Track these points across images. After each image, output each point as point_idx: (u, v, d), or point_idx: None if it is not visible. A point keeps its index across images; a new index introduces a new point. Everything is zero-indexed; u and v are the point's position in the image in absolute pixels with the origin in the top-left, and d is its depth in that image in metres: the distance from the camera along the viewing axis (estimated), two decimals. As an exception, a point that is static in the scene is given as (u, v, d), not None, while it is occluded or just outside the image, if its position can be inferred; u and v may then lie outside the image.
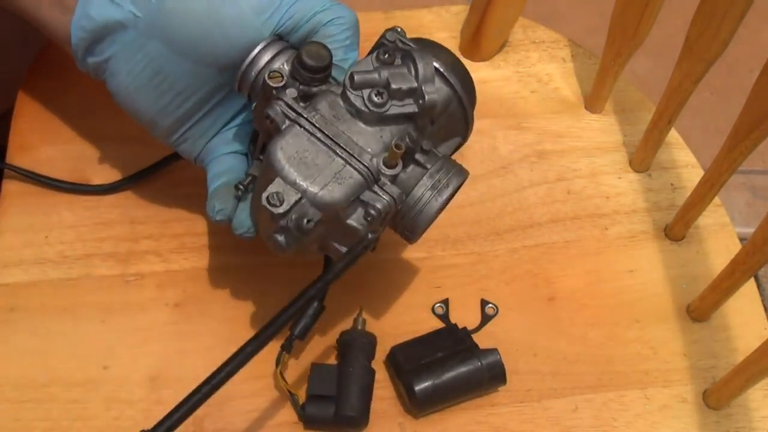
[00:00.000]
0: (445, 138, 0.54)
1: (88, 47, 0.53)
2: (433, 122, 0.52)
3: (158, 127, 0.55)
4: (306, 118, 0.49)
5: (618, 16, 0.65)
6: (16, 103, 0.69)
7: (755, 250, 0.56)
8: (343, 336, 0.59)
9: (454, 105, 0.53)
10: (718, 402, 0.60)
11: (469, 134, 0.56)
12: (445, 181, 0.51)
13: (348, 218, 0.49)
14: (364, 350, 0.58)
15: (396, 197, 0.49)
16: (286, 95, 0.50)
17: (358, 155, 0.48)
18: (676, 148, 0.72)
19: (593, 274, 0.65)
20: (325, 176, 0.48)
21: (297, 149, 0.48)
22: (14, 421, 0.57)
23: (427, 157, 0.51)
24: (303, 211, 0.48)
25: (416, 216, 0.51)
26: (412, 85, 0.50)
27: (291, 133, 0.49)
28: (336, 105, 0.50)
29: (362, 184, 0.48)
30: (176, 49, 0.51)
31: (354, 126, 0.50)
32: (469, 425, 0.58)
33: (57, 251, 0.63)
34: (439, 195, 0.50)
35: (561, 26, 0.79)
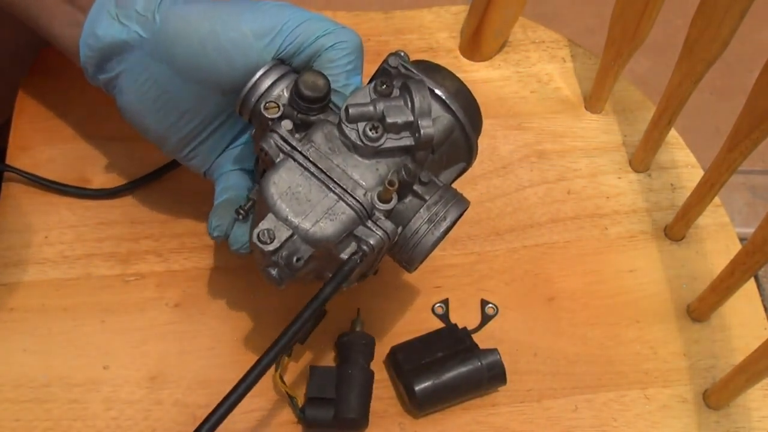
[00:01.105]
0: (447, 165, 0.54)
1: (97, 64, 0.54)
2: (434, 152, 0.51)
3: (166, 144, 0.56)
4: (300, 151, 0.48)
5: (618, 16, 0.65)
6: (16, 103, 0.69)
7: (755, 250, 0.56)
8: (342, 338, 0.59)
9: (456, 133, 0.52)
10: (718, 402, 0.60)
11: (474, 159, 0.55)
12: (443, 213, 0.50)
13: (341, 253, 0.49)
14: (363, 352, 0.58)
15: (389, 232, 0.48)
16: (281, 127, 0.49)
17: (352, 190, 0.48)
18: (676, 148, 0.72)
19: (593, 274, 0.65)
20: (317, 212, 0.48)
21: (290, 184, 0.48)
22: (14, 421, 0.57)
23: (426, 188, 0.50)
24: (294, 247, 0.48)
25: (413, 249, 0.50)
26: (408, 118, 0.49)
27: (284, 168, 0.48)
28: (333, 136, 0.49)
29: (355, 219, 0.48)
30: (179, 71, 0.52)
31: (350, 159, 0.49)
32: (469, 425, 0.58)
33: (57, 251, 0.63)
34: (435, 228, 0.50)
35: (561, 26, 0.79)
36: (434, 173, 0.52)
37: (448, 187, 0.52)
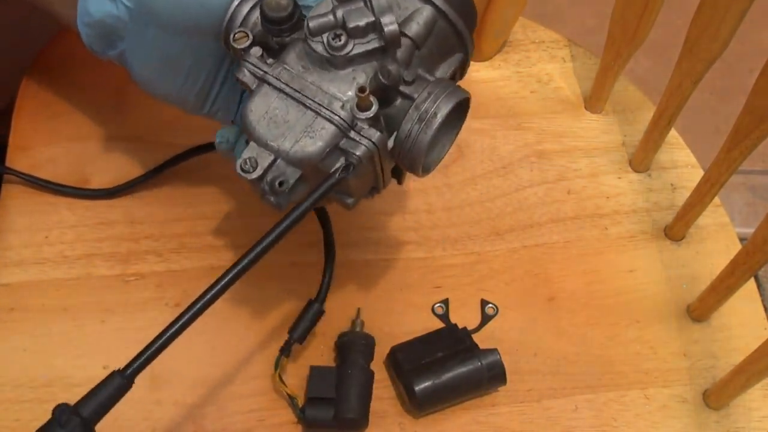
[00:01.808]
0: (441, 58, 0.51)
1: (99, 42, 0.54)
2: (419, 47, 0.49)
3: (187, 104, 0.56)
4: (271, 75, 0.48)
5: (618, 16, 0.65)
6: (16, 103, 0.69)
7: (755, 250, 0.56)
8: (342, 338, 0.59)
9: (440, 23, 0.49)
10: (718, 402, 0.60)
11: (471, 46, 0.52)
12: (433, 109, 0.47)
13: (330, 169, 0.47)
14: (363, 352, 0.58)
15: (376, 141, 0.47)
16: (250, 55, 0.48)
17: (328, 105, 0.47)
18: (676, 148, 0.72)
19: (593, 274, 0.65)
20: (296, 132, 0.47)
21: (266, 109, 0.47)
22: (14, 421, 0.57)
23: (414, 86, 0.48)
24: (280, 171, 0.47)
25: (410, 151, 0.48)
26: (370, 19, 0.47)
27: (259, 94, 0.48)
28: (305, 54, 0.48)
29: (336, 133, 0.47)
30: (167, 29, 0.52)
31: (325, 73, 0.48)
32: (469, 425, 0.58)
33: (57, 251, 0.63)
34: (427, 127, 0.47)
35: (561, 26, 0.79)
36: (428, 69, 0.50)
37: (439, 81, 0.48)
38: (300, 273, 0.63)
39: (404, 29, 0.48)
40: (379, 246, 0.65)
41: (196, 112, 0.56)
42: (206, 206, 0.65)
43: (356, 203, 0.52)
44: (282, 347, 0.57)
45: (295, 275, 0.63)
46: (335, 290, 0.61)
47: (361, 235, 0.65)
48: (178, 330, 0.46)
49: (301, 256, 0.63)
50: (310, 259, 0.62)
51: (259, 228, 0.50)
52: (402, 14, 0.49)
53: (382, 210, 0.67)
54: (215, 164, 0.64)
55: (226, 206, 0.65)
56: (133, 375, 0.46)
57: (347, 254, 0.64)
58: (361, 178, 0.49)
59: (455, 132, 0.52)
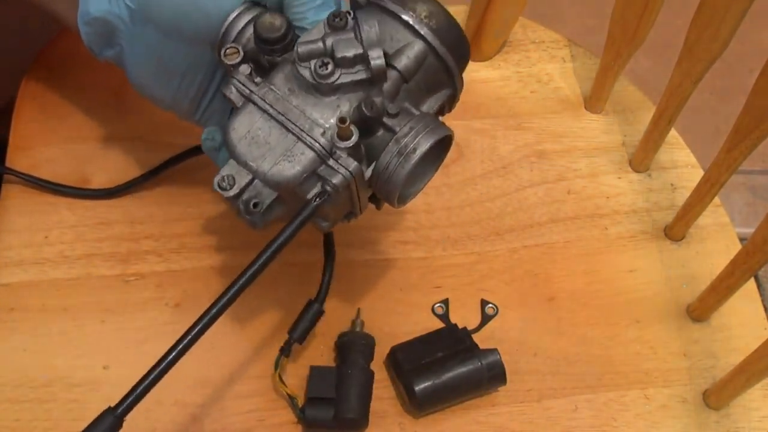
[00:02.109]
0: (429, 93, 0.51)
1: (98, 42, 0.54)
2: (407, 81, 0.49)
3: (180, 109, 0.56)
4: (257, 95, 0.48)
5: (618, 16, 0.65)
6: (16, 103, 0.69)
7: (755, 250, 0.56)
8: (342, 338, 0.59)
9: (430, 58, 0.49)
10: (718, 402, 0.60)
11: (460, 84, 0.52)
12: (413, 145, 0.47)
13: (307, 194, 0.47)
14: (363, 352, 0.58)
15: (352, 170, 0.47)
16: (239, 72, 0.48)
17: (309, 130, 0.47)
18: (676, 148, 0.72)
19: (593, 274, 0.65)
20: (276, 154, 0.47)
21: (249, 128, 0.47)
22: (14, 421, 0.57)
23: (397, 119, 0.48)
24: (256, 191, 0.47)
25: (386, 183, 0.48)
26: (358, 51, 0.47)
27: (243, 112, 0.48)
28: (293, 76, 0.48)
29: (315, 159, 0.47)
30: (166, 33, 0.52)
31: (310, 98, 0.48)
32: (469, 425, 0.58)
33: (57, 251, 0.63)
34: (405, 161, 0.47)
35: (561, 26, 0.79)
36: (414, 103, 0.50)
37: (422, 117, 0.49)
38: (300, 273, 0.63)
39: (393, 62, 0.49)
40: (379, 246, 0.65)
41: (189, 119, 0.56)
42: (206, 206, 0.65)
43: (331, 227, 0.52)
44: (282, 347, 0.57)
45: (295, 275, 0.63)
46: (335, 290, 0.61)
47: (361, 235, 0.65)
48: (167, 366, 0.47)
49: (301, 256, 0.63)
50: (310, 258, 0.62)
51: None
52: (393, 46, 0.49)
53: (381, 210, 0.66)
54: (215, 165, 0.64)
55: (225, 206, 0.65)
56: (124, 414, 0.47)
57: (347, 254, 0.64)
58: (337, 205, 0.49)
59: (435, 167, 0.52)
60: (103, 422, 0.46)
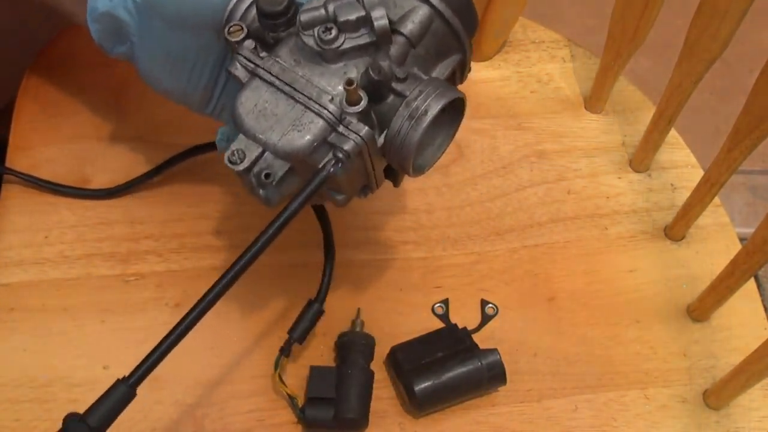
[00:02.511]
0: (438, 58, 0.51)
1: (109, 39, 0.55)
2: (414, 45, 0.49)
3: (192, 103, 0.56)
4: (263, 68, 0.48)
5: (618, 16, 0.65)
6: (16, 104, 0.69)
7: (755, 250, 0.56)
8: (342, 338, 0.59)
9: (437, 22, 0.49)
10: (718, 402, 0.60)
11: (469, 48, 0.52)
12: (423, 107, 0.46)
13: (319, 163, 0.47)
14: (363, 352, 0.58)
15: (363, 135, 0.46)
16: (243, 48, 0.48)
17: (317, 98, 0.47)
18: (676, 148, 0.72)
19: (593, 274, 0.65)
20: (284, 125, 0.47)
21: (256, 102, 0.47)
22: (14, 421, 0.57)
23: (406, 84, 0.47)
24: (268, 163, 0.47)
25: (399, 149, 0.48)
26: (360, 13, 0.47)
27: (250, 87, 0.48)
28: (298, 48, 0.48)
29: (324, 127, 0.46)
30: (172, 24, 0.52)
31: (316, 67, 0.48)
32: (469, 425, 0.58)
33: (57, 251, 0.63)
34: (417, 124, 0.46)
35: (561, 26, 0.79)
36: (423, 69, 0.49)
37: (432, 80, 0.48)
38: (300, 273, 0.63)
39: (399, 27, 0.48)
40: (379, 246, 0.65)
41: (201, 111, 0.56)
42: (206, 206, 0.66)
43: (347, 201, 0.51)
44: (282, 347, 0.57)
45: (295, 275, 0.63)
46: (335, 290, 0.61)
47: (361, 235, 0.65)
48: (180, 335, 0.46)
49: (301, 256, 0.63)
50: (310, 259, 0.62)
51: (258, 228, 0.50)
52: (398, 12, 0.49)
53: (382, 210, 0.67)
54: (215, 164, 0.64)
55: (226, 206, 0.65)
56: (137, 383, 0.46)
57: (347, 254, 0.64)
58: (350, 174, 0.48)
59: (451, 133, 0.52)
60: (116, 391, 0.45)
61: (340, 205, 0.52)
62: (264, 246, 0.47)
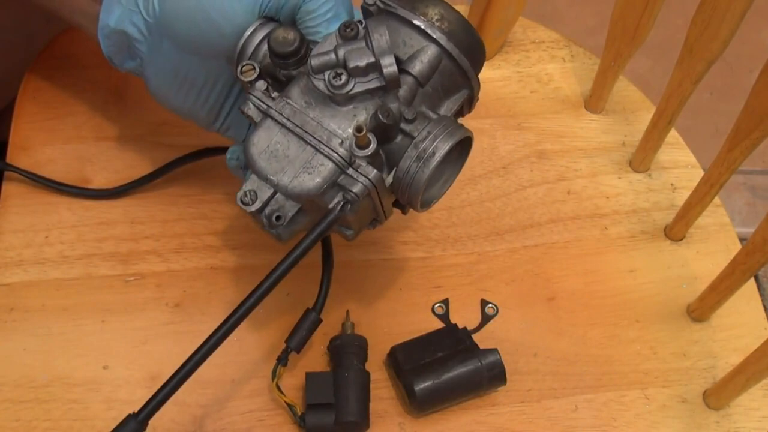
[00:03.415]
0: (446, 95, 0.52)
1: (119, 53, 0.55)
2: (422, 85, 0.50)
3: (199, 120, 0.56)
4: (275, 109, 0.48)
5: (618, 16, 0.65)
6: (16, 103, 0.69)
7: (755, 250, 0.56)
8: (334, 341, 0.59)
9: (445, 62, 0.50)
10: (718, 402, 0.60)
11: (477, 84, 0.53)
12: (431, 149, 0.47)
13: (329, 204, 0.48)
14: (357, 353, 0.58)
15: (372, 178, 0.47)
16: (255, 89, 0.49)
17: (327, 141, 0.47)
18: (676, 148, 0.72)
19: (593, 274, 0.65)
20: (296, 167, 0.47)
21: (268, 143, 0.48)
22: (14, 421, 0.57)
23: (414, 124, 0.48)
24: (279, 204, 0.48)
25: (407, 188, 0.49)
26: (370, 60, 0.48)
27: (262, 127, 0.48)
28: (309, 89, 0.49)
29: (334, 170, 0.47)
30: (182, 47, 0.53)
31: (327, 109, 0.48)
32: (469, 425, 0.58)
33: (57, 251, 0.63)
34: (425, 166, 0.48)
35: (561, 26, 0.79)
36: (431, 106, 0.50)
37: (440, 120, 0.49)
38: (300, 273, 0.62)
39: (408, 67, 0.49)
40: (379, 246, 0.65)
41: (208, 128, 0.57)
42: (206, 207, 0.66)
43: (357, 235, 0.52)
44: (279, 356, 0.57)
45: (296, 275, 0.62)
46: (335, 290, 0.61)
47: (361, 235, 0.65)
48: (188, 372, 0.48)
49: (301, 256, 0.63)
50: (310, 259, 0.62)
51: (258, 229, 0.50)
52: (407, 51, 0.49)
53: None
54: (215, 165, 0.64)
55: (226, 206, 0.65)
56: (147, 418, 0.47)
57: (347, 254, 0.64)
58: (359, 213, 0.49)
59: (457, 168, 0.53)
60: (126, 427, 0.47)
61: (350, 240, 0.52)
62: (272, 286, 0.48)
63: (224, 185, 0.66)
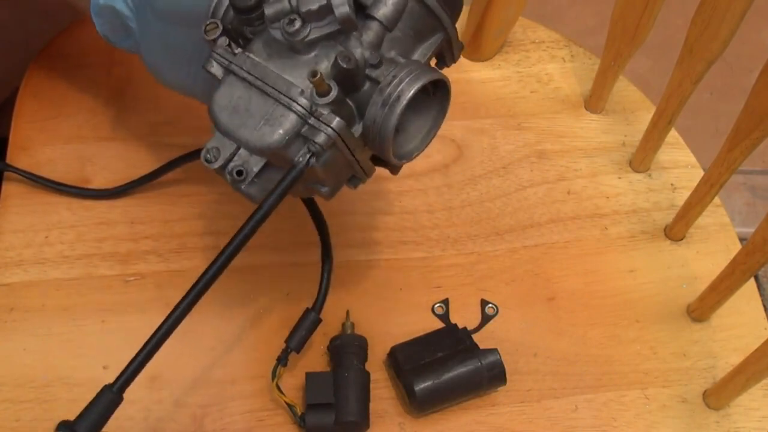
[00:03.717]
0: (418, 40, 0.50)
1: (112, 32, 0.55)
2: (390, 29, 0.48)
3: (196, 94, 0.56)
4: (235, 63, 0.47)
5: (618, 16, 0.65)
6: (16, 103, 0.69)
7: (755, 250, 0.56)
8: (334, 341, 0.59)
9: (412, 3, 0.48)
10: (718, 402, 0.60)
11: (451, 26, 0.50)
12: (396, 93, 0.45)
13: (294, 157, 0.46)
14: (357, 354, 0.58)
15: (335, 126, 0.46)
16: (217, 46, 0.48)
17: (286, 92, 0.46)
18: (676, 148, 0.72)
19: (593, 274, 0.65)
20: (256, 120, 0.46)
21: (230, 98, 0.47)
22: (14, 421, 0.57)
23: (380, 70, 0.46)
24: (243, 159, 0.47)
25: (377, 138, 0.46)
26: (322, 2, 0.46)
27: (225, 84, 0.48)
28: (270, 42, 0.48)
29: (295, 120, 0.46)
30: (166, 20, 0.53)
31: (288, 60, 0.47)
32: (469, 425, 0.58)
33: (57, 251, 0.63)
34: (390, 111, 0.45)
35: (561, 26, 0.79)
36: (403, 52, 0.49)
37: (408, 63, 0.47)
38: (300, 273, 0.63)
39: (372, 11, 0.47)
40: (379, 246, 0.65)
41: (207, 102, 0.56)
42: (206, 206, 0.66)
43: (333, 193, 0.50)
44: (279, 356, 0.57)
45: (296, 275, 0.63)
46: (335, 290, 0.61)
47: (361, 235, 0.65)
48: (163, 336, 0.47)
49: (301, 256, 0.63)
50: (310, 258, 0.62)
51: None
52: None
53: (381, 210, 0.67)
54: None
55: (226, 206, 0.65)
56: (122, 388, 0.47)
57: (347, 254, 0.64)
58: (329, 166, 0.47)
59: (439, 119, 0.50)
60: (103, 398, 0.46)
61: (328, 198, 0.51)
62: (242, 242, 0.47)
63: (224, 185, 0.66)
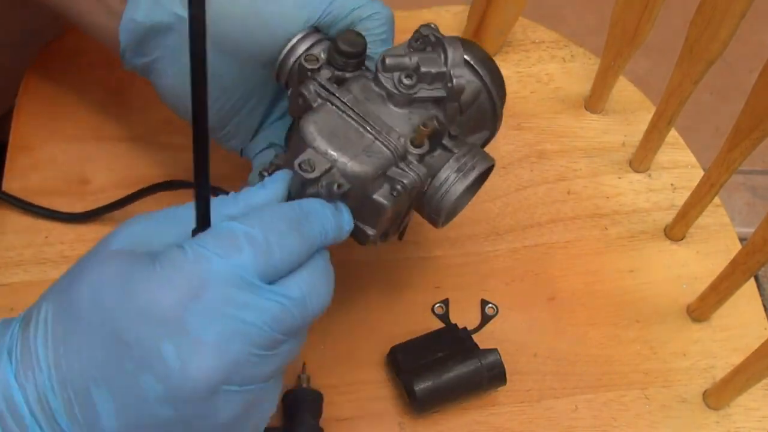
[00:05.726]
0: (473, 130, 0.55)
1: (135, 49, 0.54)
2: (462, 112, 0.53)
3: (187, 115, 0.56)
4: (338, 97, 0.50)
5: (618, 16, 0.65)
6: (16, 103, 0.69)
7: (755, 250, 0.56)
8: (287, 395, 0.56)
9: (483, 97, 0.54)
10: (718, 402, 0.60)
11: (498, 129, 0.57)
12: (472, 164, 0.51)
13: (374, 193, 0.50)
14: (311, 409, 0.56)
15: (421, 175, 0.50)
16: (320, 76, 0.51)
17: (387, 133, 0.50)
18: (676, 148, 0.72)
19: (593, 274, 0.65)
20: (356, 149, 0.49)
21: (328, 124, 0.50)
22: (14, 421, 0.57)
23: (454, 142, 0.52)
24: (332, 180, 0.49)
25: (441, 197, 0.52)
26: (441, 69, 0.51)
27: (323, 110, 0.50)
28: (368, 89, 0.51)
29: (390, 159, 0.49)
30: (221, 49, 0.52)
31: (384, 108, 0.51)
32: (469, 425, 0.58)
33: (57, 251, 0.63)
34: (464, 177, 0.51)
35: (561, 26, 0.79)
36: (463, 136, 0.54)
37: (475, 144, 0.53)
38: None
39: None
40: (379, 246, 0.65)
41: (212, 133, 0.56)
42: (206, 206, 0.65)
43: (376, 240, 0.53)
44: None
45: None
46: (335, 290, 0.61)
47: (361, 235, 0.65)
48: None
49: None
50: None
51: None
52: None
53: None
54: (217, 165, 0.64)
55: (226, 206, 0.65)
56: None
57: (347, 254, 0.64)
58: (396, 210, 0.51)
59: (470, 197, 0.55)
60: None
61: (368, 241, 0.53)
62: None
63: (225, 185, 0.66)
